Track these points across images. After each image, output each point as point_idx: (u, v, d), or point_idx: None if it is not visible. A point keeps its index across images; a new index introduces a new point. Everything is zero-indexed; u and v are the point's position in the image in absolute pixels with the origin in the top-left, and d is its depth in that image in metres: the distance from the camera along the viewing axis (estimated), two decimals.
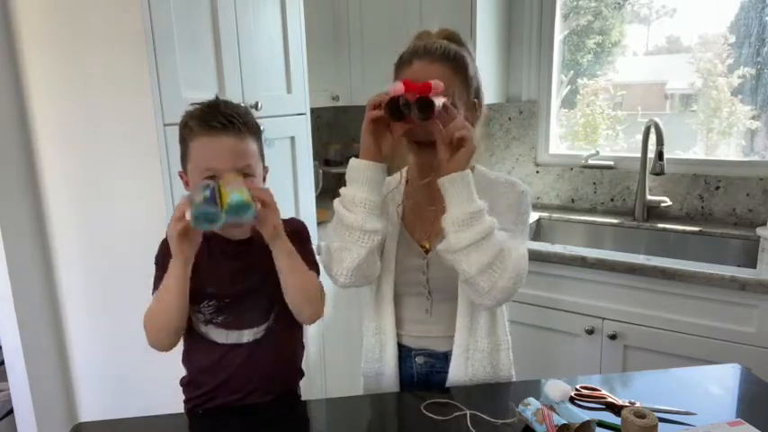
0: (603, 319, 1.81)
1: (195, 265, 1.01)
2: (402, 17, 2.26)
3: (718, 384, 1.16)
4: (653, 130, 2.10)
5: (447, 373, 1.14)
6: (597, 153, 2.37)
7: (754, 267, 1.74)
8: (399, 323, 1.18)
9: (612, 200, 2.35)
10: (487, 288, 0.99)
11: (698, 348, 1.67)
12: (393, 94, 0.97)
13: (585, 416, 0.93)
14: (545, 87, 2.44)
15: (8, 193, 1.65)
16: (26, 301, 1.72)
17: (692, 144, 2.33)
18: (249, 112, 1.07)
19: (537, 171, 2.49)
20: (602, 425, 0.96)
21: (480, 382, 1.13)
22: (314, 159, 1.98)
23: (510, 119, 2.50)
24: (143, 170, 1.47)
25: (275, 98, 1.78)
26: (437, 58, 1.05)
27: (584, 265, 1.81)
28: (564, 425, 0.91)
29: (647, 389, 1.15)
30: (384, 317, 1.17)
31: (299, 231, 1.10)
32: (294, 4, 1.82)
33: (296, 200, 1.90)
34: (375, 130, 1.02)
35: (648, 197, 2.21)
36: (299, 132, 1.90)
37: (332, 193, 1.12)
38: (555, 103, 2.48)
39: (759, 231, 1.93)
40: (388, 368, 1.18)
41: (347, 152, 2.76)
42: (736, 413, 1.02)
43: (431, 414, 1.01)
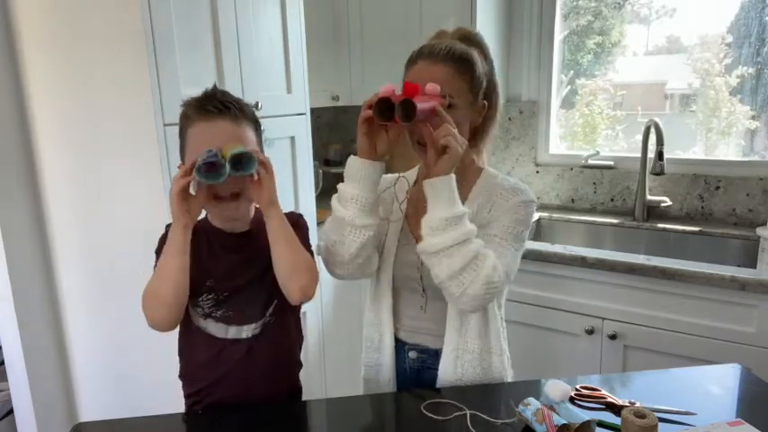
0: (603, 319, 1.81)
1: (195, 260, 1.00)
2: (402, 17, 2.26)
3: (718, 384, 1.16)
4: (653, 130, 2.10)
5: (437, 370, 1.15)
6: (597, 153, 2.37)
7: (754, 267, 1.74)
8: (396, 317, 1.20)
9: (612, 200, 2.35)
10: (457, 294, 1.01)
11: (698, 348, 1.67)
12: (381, 95, 0.98)
13: (585, 416, 0.93)
14: (545, 87, 2.44)
15: (8, 194, 1.65)
16: (26, 301, 1.72)
17: (691, 144, 2.33)
18: (247, 104, 1.07)
19: (537, 171, 2.49)
20: (602, 425, 0.96)
21: (470, 383, 1.13)
22: (314, 159, 1.98)
23: (510, 119, 2.50)
24: (143, 170, 1.47)
25: (275, 98, 1.78)
26: (440, 59, 1.06)
27: (584, 265, 1.81)
28: (564, 425, 0.91)
29: (647, 389, 1.15)
30: (382, 309, 1.20)
31: (296, 222, 1.10)
32: (294, 4, 1.82)
33: (296, 200, 1.90)
34: (369, 130, 1.04)
35: (648, 197, 2.21)
36: (299, 132, 1.90)
37: (332, 192, 1.13)
38: (555, 103, 2.48)
39: (759, 231, 1.93)
40: (386, 360, 1.20)
41: (347, 152, 2.73)
42: (736, 413, 1.03)
43: (431, 414, 1.02)
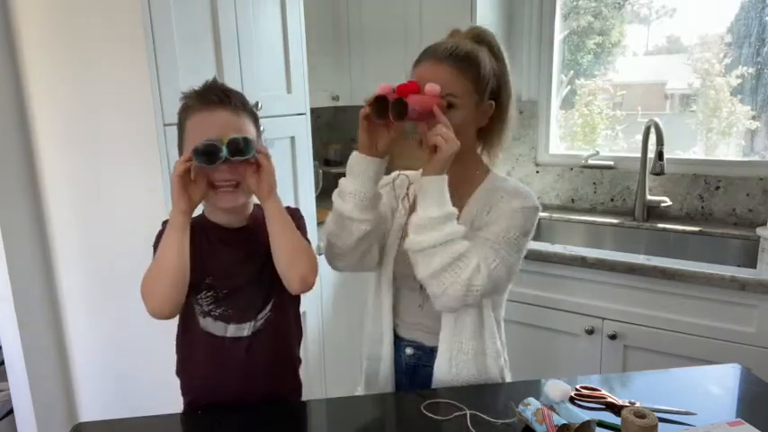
0: (603, 319, 1.81)
1: (194, 254, 1.00)
2: (402, 17, 2.26)
3: (718, 384, 1.16)
4: (653, 130, 2.10)
5: (432, 367, 1.15)
6: (597, 153, 2.37)
7: (754, 267, 1.74)
8: (396, 312, 1.21)
9: (612, 200, 2.35)
10: (438, 293, 1.02)
11: (698, 348, 1.67)
12: (377, 93, 1.00)
13: (585, 416, 0.93)
14: (545, 87, 2.44)
15: (8, 194, 1.65)
16: (26, 301, 1.72)
17: (691, 144, 2.33)
18: (247, 100, 1.07)
19: (537, 171, 2.49)
20: (602, 425, 0.96)
21: (465, 383, 1.13)
22: (314, 159, 1.99)
23: None
24: (143, 170, 1.47)
25: (275, 98, 1.78)
26: (444, 59, 1.06)
27: (584, 265, 1.81)
28: (564, 425, 0.91)
29: (647, 389, 1.15)
30: (382, 305, 1.21)
31: (294, 215, 1.09)
32: (294, 4, 1.82)
33: (296, 200, 1.90)
34: (369, 127, 1.05)
35: (648, 197, 2.21)
36: (299, 132, 1.90)
37: (332, 192, 1.13)
38: (555, 103, 2.48)
39: (759, 231, 1.93)
40: (385, 354, 1.21)
41: (347, 152, 2.73)
42: (736, 413, 1.03)
43: (430, 414, 1.02)
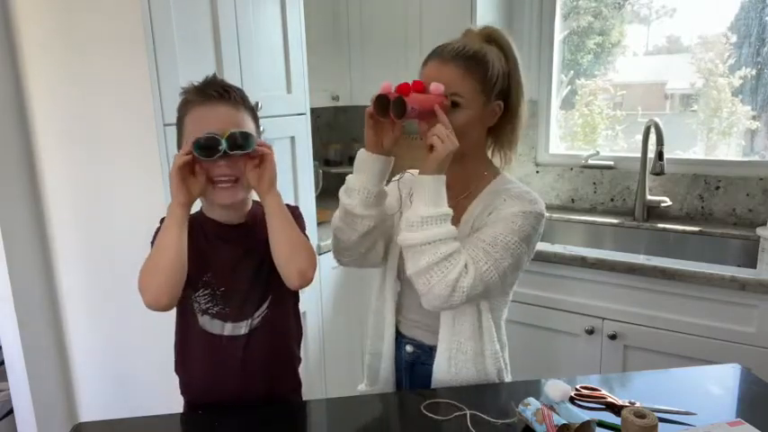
0: (603, 319, 1.81)
1: (193, 250, 1.00)
2: (402, 17, 2.26)
3: (718, 384, 1.16)
4: (653, 130, 2.10)
5: (431, 366, 1.15)
6: (597, 153, 2.37)
7: (754, 267, 1.74)
8: (399, 309, 1.22)
9: (612, 200, 2.35)
10: (424, 291, 1.03)
11: (698, 348, 1.67)
12: (379, 92, 1.02)
13: (585, 416, 0.93)
14: (545, 87, 2.44)
15: (8, 194, 1.65)
16: (26, 301, 1.72)
17: (692, 144, 2.33)
18: (247, 96, 1.07)
19: (537, 171, 2.49)
20: (602, 425, 0.96)
21: (464, 383, 1.13)
22: (314, 159, 1.99)
23: None
24: (143, 170, 1.47)
25: (275, 98, 1.78)
26: (450, 59, 1.06)
27: (584, 265, 1.81)
28: (564, 425, 0.91)
29: (647, 389, 1.15)
30: (386, 300, 1.22)
31: (293, 213, 1.09)
32: (294, 4, 1.82)
33: (296, 200, 1.90)
34: (374, 125, 1.06)
35: (648, 197, 2.21)
36: (299, 132, 1.90)
37: (332, 192, 1.13)
38: (555, 103, 2.48)
39: (759, 231, 1.93)
40: (386, 350, 1.22)
41: (347, 152, 2.76)
42: (736, 413, 1.03)
43: (431, 414, 1.02)
